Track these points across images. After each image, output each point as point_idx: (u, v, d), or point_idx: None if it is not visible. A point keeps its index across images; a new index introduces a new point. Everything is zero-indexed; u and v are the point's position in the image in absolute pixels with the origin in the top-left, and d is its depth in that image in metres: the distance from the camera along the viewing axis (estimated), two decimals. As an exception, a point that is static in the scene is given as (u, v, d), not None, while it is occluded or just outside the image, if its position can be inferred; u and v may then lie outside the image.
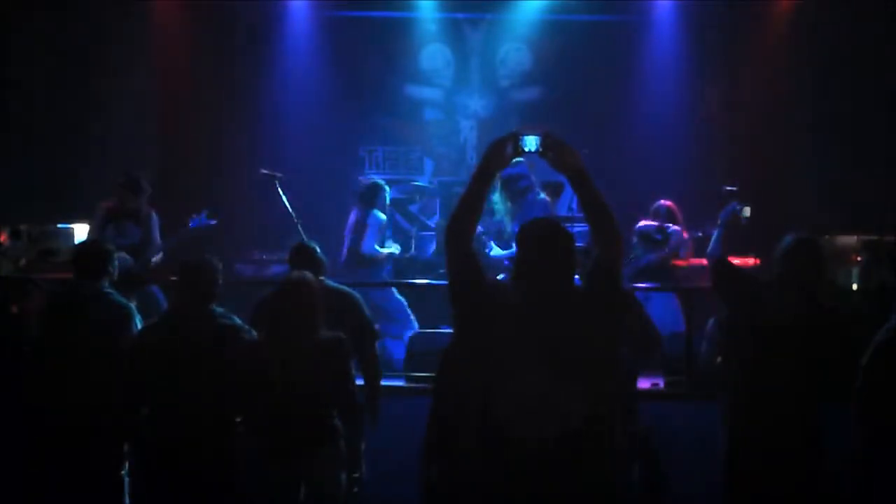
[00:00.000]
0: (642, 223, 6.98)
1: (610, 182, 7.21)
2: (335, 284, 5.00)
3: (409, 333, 6.78)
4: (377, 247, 7.23)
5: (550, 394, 2.91)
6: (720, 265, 4.37)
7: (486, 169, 3.10)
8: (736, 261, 6.18)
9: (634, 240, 6.90)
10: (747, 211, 5.15)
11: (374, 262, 7.26)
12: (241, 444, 4.11)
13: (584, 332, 2.99)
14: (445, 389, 3.86)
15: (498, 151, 3.10)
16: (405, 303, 7.23)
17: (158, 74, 8.83)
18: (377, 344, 5.01)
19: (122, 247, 6.44)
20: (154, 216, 6.72)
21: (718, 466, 4.11)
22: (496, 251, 6.84)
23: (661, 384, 6.12)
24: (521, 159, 6.70)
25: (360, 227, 7.24)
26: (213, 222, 6.55)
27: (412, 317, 7.18)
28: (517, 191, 6.80)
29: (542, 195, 6.94)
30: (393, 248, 7.47)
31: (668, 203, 7.09)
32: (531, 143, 3.10)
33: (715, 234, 4.73)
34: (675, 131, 8.81)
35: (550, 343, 2.95)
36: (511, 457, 2.93)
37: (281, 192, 7.05)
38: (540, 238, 3.11)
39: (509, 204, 6.85)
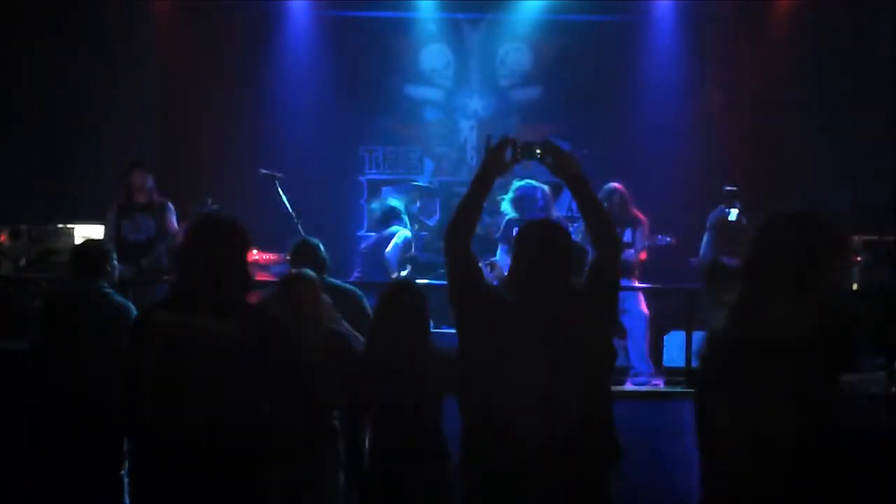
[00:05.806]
0: None
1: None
2: (338, 282, 5.01)
3: None
4: None
5: (550, 393, 2.92)
6: (714, 268, 4.36)
7: (486, 174, 3.14)
8: None
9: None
10: (734, 213, 5.13)
11: None
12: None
13: (582, 331, 3.01)
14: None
15: (497, 157, 3.12)
16: None
17: (158, 75, 8.83)
18: None
19: (139, 242, 6.45)
20: (169, 205, 6.71)
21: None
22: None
23: (661, 384, 6.12)
24: (534, 183, 6.77)
25: None
26: (217, 207, 6.56)
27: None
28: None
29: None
30: None
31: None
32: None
33: (705, 237, 4.70)
34: (675, 131, 8.81)
35: (549, 343, 2.96)
36: (512, 457, 2.94)
37: (281, 192, 7.06)
38: (538, 238, 3.13)
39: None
